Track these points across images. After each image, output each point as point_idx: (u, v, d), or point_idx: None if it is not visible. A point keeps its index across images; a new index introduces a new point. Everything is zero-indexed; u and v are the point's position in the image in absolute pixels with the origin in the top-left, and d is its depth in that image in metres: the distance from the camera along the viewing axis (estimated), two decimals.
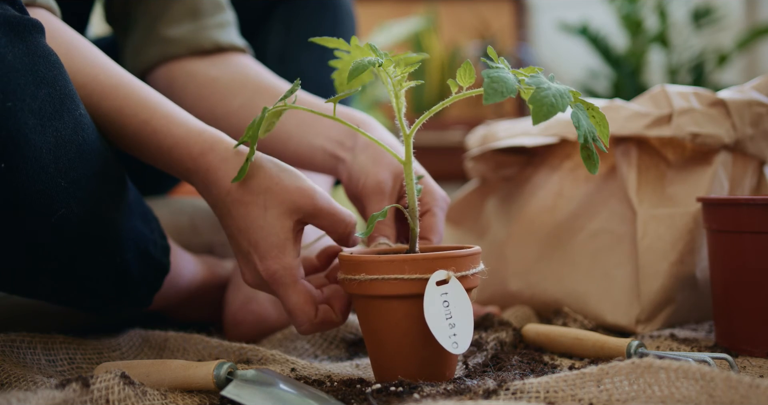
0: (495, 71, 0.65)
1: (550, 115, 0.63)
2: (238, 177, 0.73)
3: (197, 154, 0.76)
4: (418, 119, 0.72)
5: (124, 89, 0.80)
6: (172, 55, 1.01)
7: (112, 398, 0.61)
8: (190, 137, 0.77)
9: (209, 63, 1.01)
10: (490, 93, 0.63)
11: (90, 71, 0.80)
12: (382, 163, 0.86)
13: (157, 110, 0.79)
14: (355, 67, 0.68)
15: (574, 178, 1.07)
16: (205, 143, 0.76)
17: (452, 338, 0.67)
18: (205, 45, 1.02)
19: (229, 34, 1.04)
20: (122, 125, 0.79)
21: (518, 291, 1.08)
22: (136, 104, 0.79)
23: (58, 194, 0.70)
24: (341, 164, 0.91)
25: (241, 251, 0.75)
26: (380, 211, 0.75)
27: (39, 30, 0.70)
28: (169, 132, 0.77)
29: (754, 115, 0.96)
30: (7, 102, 0.65)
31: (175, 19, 1.02)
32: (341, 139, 0.92)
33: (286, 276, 0.73)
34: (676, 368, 0.60)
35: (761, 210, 0.81)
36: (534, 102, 0.63)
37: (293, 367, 0.79)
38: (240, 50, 1.04)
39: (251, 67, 1.02)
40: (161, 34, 1.02)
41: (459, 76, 0.69)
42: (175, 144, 0.77)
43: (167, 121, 0.78)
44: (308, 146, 0.93)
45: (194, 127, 0.78)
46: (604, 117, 0.68)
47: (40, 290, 0.80)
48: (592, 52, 3.21)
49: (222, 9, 1.05)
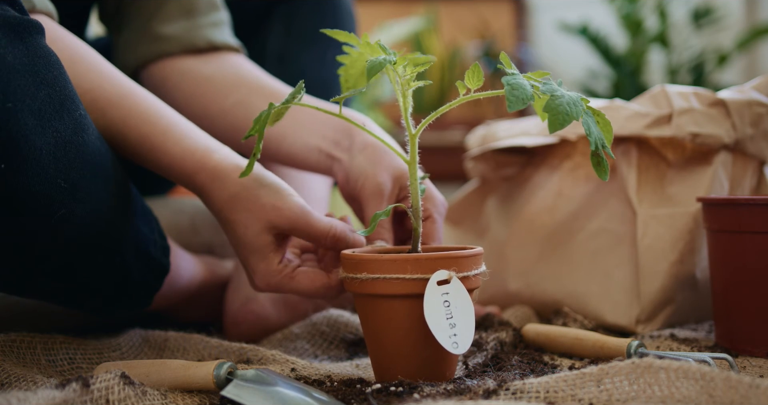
0: (513, 78, 0.65)
1: (565, 124, 0.64)
2: (245, 172, 0.75)
3: (191, 173, 0.79)
4: (425, 120, 0.72)
5: (128, 100, 0.82)
6: (166, 53, 1.01)
7: (112, 398, 0.61)
8: (185, 156, 0.80)
9: (203, 61, 1.01)
10: (512, 100, 0.64)
11: (95, 78, 0.81)
12: (382, 164, 0.86)
13: (156, 125, 0.81)
14: (372, 65, 0.68)
15: (574, 178, 1.07)
16: (197, 163, 0.79)
17: (452, 338, 0.67)
18: (200, 43, 1.02)
19: (223, 34, 1.04)
20: (125, 137, 0.81)
21: (518, 291, 1.08)
22: (139, 116, 0.81)
23: (58, 195, 0.70)
24: (337, 164, 0.91)
25: (241, 259, 0.80)
26: (383, 211, 0.75)
27: (39, 30, 0.70)
28: (166, 150, 0.80)
29: (754, 115, 0.96)
30: (7, 103, 0.65)
31: (169, 17, 1.02)
32: (337, 138, 0.92)
33: (279, 281, 0.78)
34: (676, 368, 0.60)
35: (761, 210, 0.81)
36: (549, 110, 0.64)
37: (293, 367, 0.79)
38: (234, 50, 1.04)
39: (245, 67, 1.02)
40: (155, 32, 1.02)
41: (468, 78, 0.69)
42: (172, 162, 0.80)
43: (165, 139, 0.81)
44: (303, 146, 0.93)
45: (188, 145, 0.80)
46: (609, 123, 0.69)
47: (39, 290, 0.80)
48: (592, 52, 3.21)
49: (216, 8, 1.05)
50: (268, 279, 0.78)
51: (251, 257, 0.78)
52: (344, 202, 0.92)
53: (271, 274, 0.78)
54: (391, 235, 0.84)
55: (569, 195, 1.06)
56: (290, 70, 1.18)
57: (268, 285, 0.78)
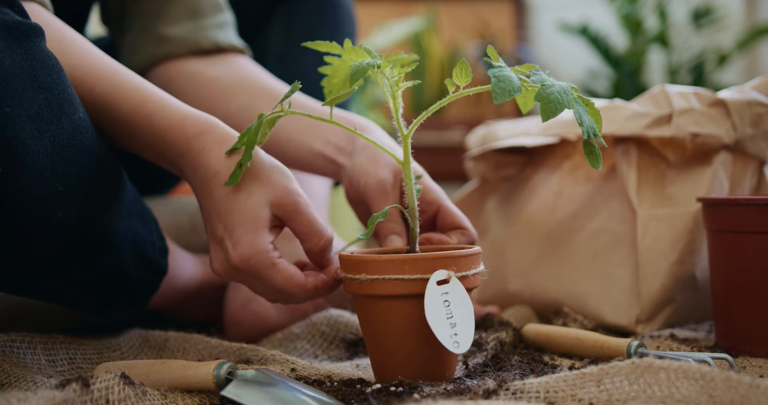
0: (499, 70, 0.65)
1: (558, 111, 0.64)
2: (230, 182, 0.73)
3: (192, 136, 0.76)
4: (416, 120, 0.72)
5: (119, 75, 0.81)
6: (171, 54, 1.01)
7: (112, 398, 0.61)
8: (186, 120, 0.77)
9: (208, 63, 1.01)
10: (498, 92, 0.64)
11: (86, 55, 0.80)
12: (381, 161, 0.86)
13: (153, 95, 0.79)
14: (355, 71, 0.68)
15: (574, 178, 1.07)
16: (202, 126, 0.77)
17: (453, 337, 0.67)
18: (205, 45, 1.01)
19: (228, 35, 1.04)
20: (115, 107, 0.79)
21: (518, 291, 1.08)
22: (132, 88, 0.79)
23: (56, 198, 0.70)
24: (341, 170, 0.91)
25: (215, 237, 0.74)
26: (380, 212, 0.75)
27: (38, 34, 0.70)
28: (165, 115, 0.78)
29: (754, 115, 0.96)
30: (5, 107, 0.65)
31: (174, 18, 1.02)
32: (341, 143, 0.92)
33: (262, 261, 0.72)
34: (676, 368, 0.60)
35: (761, 210, 0.81)
36: (541, 99, 0.64)
37: (293, 367, 0.79)
38: (239, 51, 1.04)
39: (250, 69, 1.02)
40: (160, 33, 1.01)
41: (455, 75, 0.70)
42: (170, 126, 0.77)
43: (163, 105, 0.79)
44: (308, 151, 0.93)
45: (190, 112, 0.79)
46: (598, 112, 0.70)
47: (37, 291, 0.80)
48: (592, 52, 3.21)
49: (221, 9, 1.05)
50: (248, 254, 0.72)
51: (240, 227, 0.72)
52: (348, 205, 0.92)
53: (255, 250, 0.72)
54: (403, 229, 0.84)
55: (569, 195, 1.06)
56: (291, 70, 1.18)
57: (244, 260, 0.72)
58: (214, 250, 0.75)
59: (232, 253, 0.72)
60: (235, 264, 0.73)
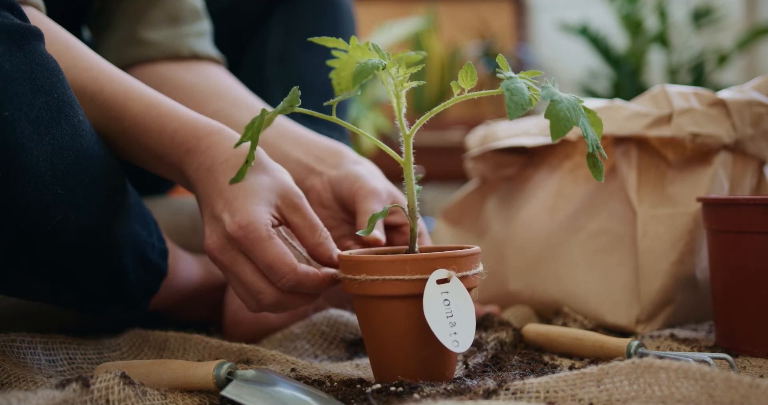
0: (512, 82, 0.65)
1: (567, 130, 0.64)
2: (236, 178, 0.74)
3: (203, 135, 0.77)
4: (419, 120, 0.72)
5: (127, 78, 0.82)
6: (149, 58, 1.02)
7: (112, 398, 0.61)
8: (198, 121, 0.79)
9: (184, 69, 1.02)
10: (513, 107, 0.63)
11: (92, 57, 0.81)
12: (379, 178, 0.89)
13: (163, 99, 0.81)
14: (360, 70, 0.68)
15: (574, 178, 1.07)
16: (212, 127, 0.78)
17: (453, 337, 0.67)
18: (183, 52, 1.02)
19: (206, 45, 1.05)
20: (126, 107, 0.79)
21: (518, 291, 1.08)
22: (142, 91, 0.81)
23: (55, 202, 0.70)
24: (314, 176, 0.92)
25: (213, 215, 0.73)
26: (381, 211, 0.75)
27: (37, 37, 0.70)
28: (177, 116, 0.79)
29: (754, 115, 0.96)
30: (4, 111, 0.65)
31: (154, 22, 1.03)
32: (323, 156, 0.93)
33: (258, 230, 0.71)
34: (676, 368, 0.60)
35: (761, 210, 0.81)
36: (551, 117, 0.64)
37: (293, 367, 0.79)
38: (216, 61, 1.05)
39: (226, 80, 1.03)
40: (139, 36, 1.02)
41: (461, 77, 0.69)
42: (180, 125, 0.78)
43: (174, 108, 0.80)
44: (281, 154, 0.93)
45: (200, 115, 0.80)
46: (599, 120, 0.70)
47: (36, 293, 0.81)
48: (592, 52, 3.21)
49: (200, 17, 1.06)
50: (246, 221, 0.70)
51: (243, 199, 0.72)
52: None
53: (254, 217, 0.71)
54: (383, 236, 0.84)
55: (569, 195, 1.06)
56: (290, 71, 1.18)
57: (241, 227, 0.70)
58: (210, 227, 0.74)
59: (230, 221, 0.71)
60: (230, 232, 0.71)
